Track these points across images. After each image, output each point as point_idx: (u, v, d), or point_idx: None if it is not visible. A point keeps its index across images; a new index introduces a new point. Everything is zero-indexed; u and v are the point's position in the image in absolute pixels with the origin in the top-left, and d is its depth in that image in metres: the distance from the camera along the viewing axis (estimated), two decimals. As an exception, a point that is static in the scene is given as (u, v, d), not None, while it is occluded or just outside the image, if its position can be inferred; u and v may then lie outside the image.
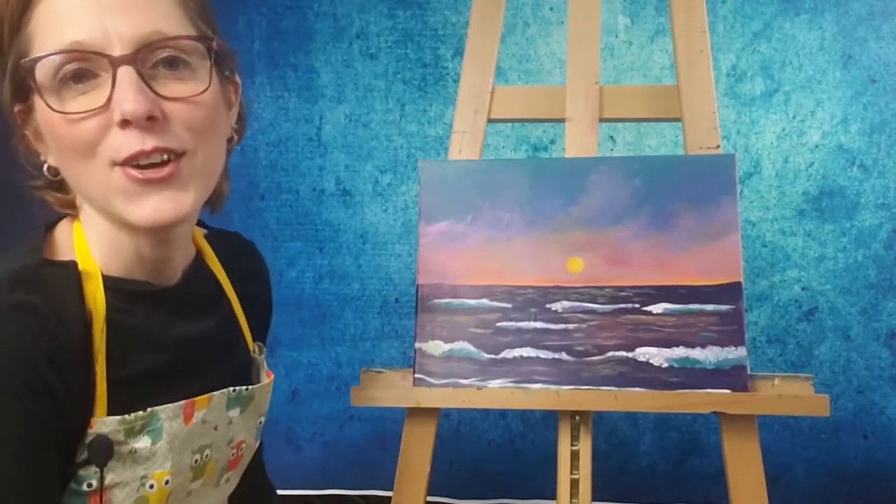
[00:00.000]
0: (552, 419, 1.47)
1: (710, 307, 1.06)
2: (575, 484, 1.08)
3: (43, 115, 0.69)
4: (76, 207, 0.77)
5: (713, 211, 1.09)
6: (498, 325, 1.10)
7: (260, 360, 0.91)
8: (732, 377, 1.04)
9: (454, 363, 1.10)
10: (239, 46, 1.80)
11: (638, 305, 1.08)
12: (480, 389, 1.09)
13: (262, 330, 0.97)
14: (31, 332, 0.66)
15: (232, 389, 0.82)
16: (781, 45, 1.74)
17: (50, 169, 0.74)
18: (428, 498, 1.13)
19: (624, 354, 1.07)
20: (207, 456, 0.80)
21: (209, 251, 0.87)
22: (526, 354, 1.09)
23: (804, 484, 1.75)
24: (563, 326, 1.09)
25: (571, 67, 1.19)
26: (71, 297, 0.70)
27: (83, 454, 0.71)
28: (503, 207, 1.13)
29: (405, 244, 1.85)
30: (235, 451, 0.86)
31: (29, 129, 0.73)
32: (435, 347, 1.11)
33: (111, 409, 0.72)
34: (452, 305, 1.12)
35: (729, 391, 1.04)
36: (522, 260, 1.11)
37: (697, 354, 1.06)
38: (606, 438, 1.79)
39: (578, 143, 1.16)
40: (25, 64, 0.68)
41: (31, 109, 0.71)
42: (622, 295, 1.09)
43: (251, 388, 0.85)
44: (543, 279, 1.11)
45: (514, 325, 1.10)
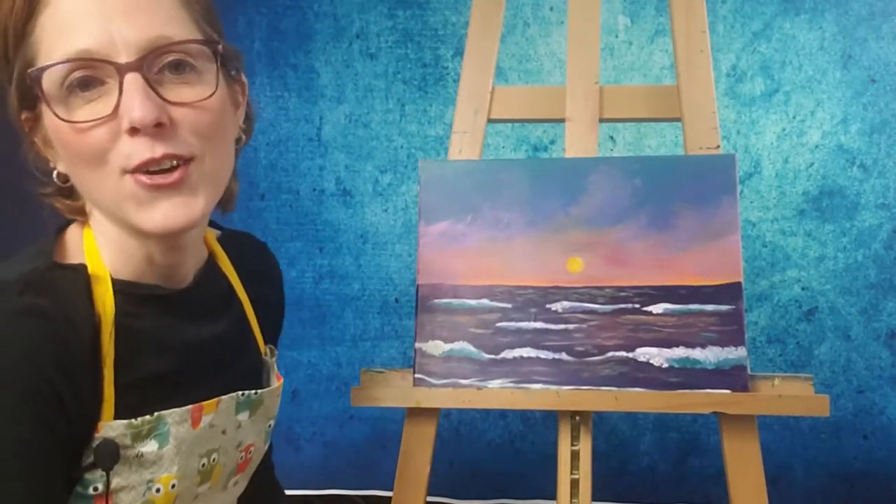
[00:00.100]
0: (552, 419, 1.47)
1: (710, 307, 1.06)
2: (575, 484, 1.08)
3: (51, 123, 0.69)
4: (86, 214, 0.77)
5: (713, 211, 1.09)
6: (498, 325, 1.10)
7: (271, 362, 0.91)
8: (732, 377, 1.04)
9: (454, 363, 1.10)
10: (239, 46, 1.79)
11: (638, 305, 1.08)
12: (480, 389, 1.09)
13: (273, 332, 0.96)
14: (39, 335, 0.66)
15: (241, 393, 0.82)
16: (781, 45, 1.74)
17: (59, 176, 0.74)
18: (428, 498, 1.13)
19: (624, 354, 1.07)
20: (215, 460, 0.80)
21: (221, 253, 0.87)
22: (526, 354, 1.09)
23: (804, 484, 1.75)
24: (563, 326, 1.09)
25: (571, 67, 1.19)
26: (80, 300, 0.70)
27: (89, 458, 0.71)
28: (503, 207, 1.13)
29: (405, 244, 1.85)
30: (244, 454, 0.85)
31: (38, 136, 0.73)
32: (435, 347, 1.11)
33: (119, 412, 0.72)
34: (452, 305, 1.12)
35: (729, 391, 1.04)
36: (522, 260, 1.11)
37: (697, 354, 1.06)
38: (606, 438, 1.79)
39: (578, 143, 1.16)
40: (32, 73, 0.68)
41: (38, 117, 0.71)
42: (622, 295, 1.09)
43: (260, 392, 0.85)
44: (543, 279, 1.11)
45: (514, 325, 1.10)
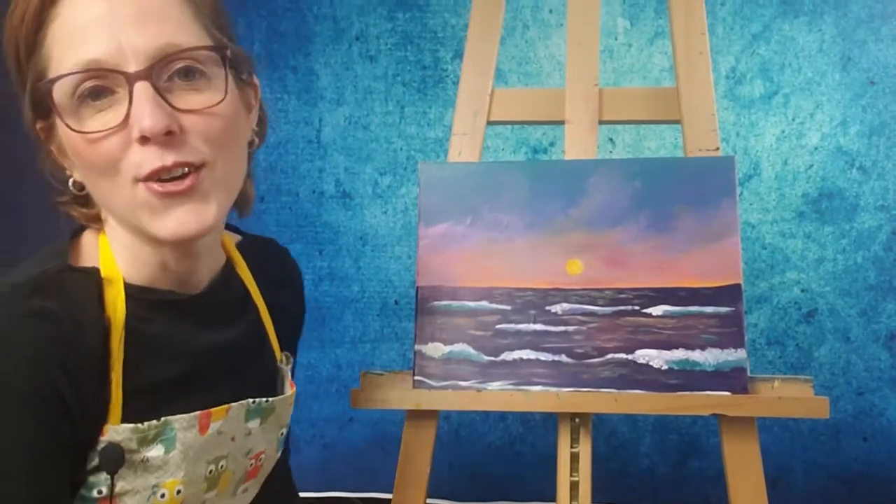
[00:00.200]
0: (552, 421, 1.47)
1: (709, 309, 1.06)
2: (575, 486, 1.07)
3: (64, 133, 0.70)
4: (101, 221, 0.77)
5: (713, 213, 1.09)
6: (497, 327, 1.10)
7: (286, 370, 0.90)
8: (732, 379, 1.04)
9: (454, 365, 1.10)
10: (238, 49, 1.80)
11: (637, 307, 1.08)
12: (480, 391, 1.08)
13: (291, 339, 0.96)
14: (45, 337, 0.67)
15: (252, 401, 0.82)
16: (781, 47, 1.74)
17: (75, 184, 0.74)
18: (428, 500, 1.13)
19: (623, 356, 1.07)
20: (223, 467, 0.80)
21: (239, 259, 0.87)
22: (525, 356, 1.09)
23: (804, 486, 1.75)
24: (562, 328, 1.09)
25: (571, 70, 1.19)
26: (90, 303, 0.71)
27: (94, 461, 0.71)
28: (503, 209, 1.13)
29: (405, 246, 1.85)
30: (254, 461, 0.85)
31: (53, 145, 0.74)
32: (435, 349, 1.11)
33: (126, 416, 0.72)
34: (452, 307, 1.12)
35: (729, 393, 1.04)
36: (522, 262, 1.11)
37: (697, 356, 1.06)
38: (606, 441, 1.79)
39: (578, 145, 1.16)
40: (43, 85, 0.68)
41: (53, 126, 0.72)
42: (622, 297, 1.09)
43: (272, 399, 0.84)
44: (543, 281, 1.11)
45: (513, 327, 1.10)
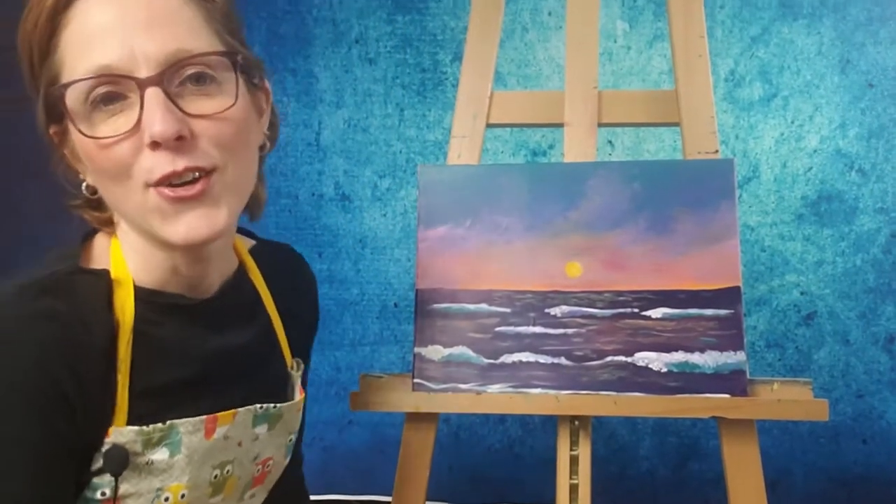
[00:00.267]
0: (551, 424, 1.47)
1: (709, 312, 1.06)
2: (574, 489, 1.07)
3: (77, 138, 0.70)
4: (113, 225, 0.77)
5: (712, 215, 1.09)
6: (497, 329, 1.10)
7: (296, 376, 0.90)
8: (731, 382, 1.04)
9: (453, 368, 1.10)
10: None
11: (637, 310, 1.08)
12: (479, 394, 1.08)
13: (303, 346, 0.96)
14: (52, 338, 0.67)
15: (259, 406, 0.81)
16: (780, 49, 1.74)
17: (88, 188, 0.75)
18: (427, 503, 1.13)
19: (623, 359, 1.07)
20: (229, 472, 0.79)
21: (252, 264, 0.87)
22: (525, 359, 1.09)
23: (803, 489, 1.75)
24: (562, 331, 1.09)
25: (570, 72, 1.19)
26: (99, 304, 0.71)
27: (99, 462, 0.71)
28: (502, 212, 1.13)
29: (404, 249, 1.85)
30: (261, 467, 0.85)
31: (66, 149, 0.74)
32: (434, 352, 1.11)
33: (132, 419, 0.72)
34: (451, 310, 1.12)
35: (728, 396, 1.04)
36: (521, 264, 1.11)
37: (696, 359, 1.06)
38: (606, 443, 1.79)
39: (577, 147, 1.16)
40: (55, 90, 0.69)
41: (66, 130, 0.72)
42: (621, 300, 1.09)
43: (279, 405, 0.84)
44: (542, 284, 1.11)
45: (513, 329, 1.10)
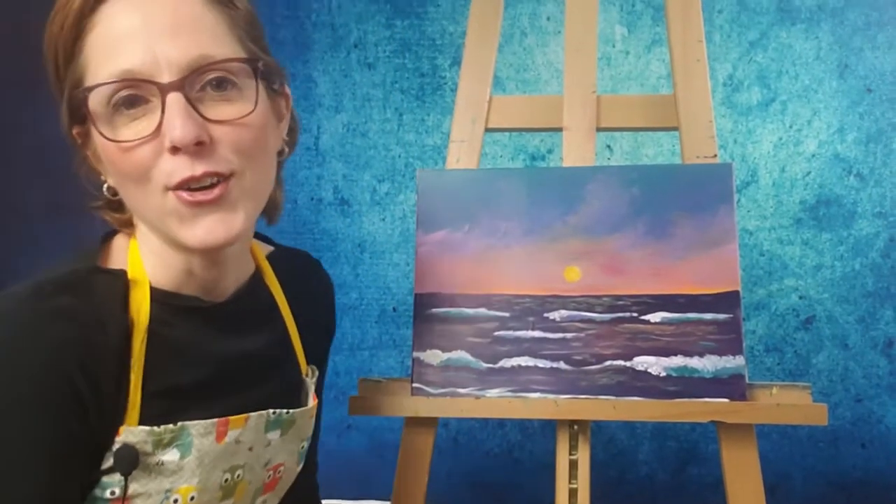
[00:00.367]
0: (550, 428, 1.47)
1: (708, 316, 1.06)
2: (573, 493, 1.07)
3: (98, 141, 0.71)
4: (132, 226, 0.78)
5: (710, 220, 1.09)
6: (496, 334, 1.10)
7: (310, 383, 0.91)
8: (730, 386, 1.04)
9: (452, 372, 1.10)
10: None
11: (636, 314, 1.08)
12: (479, 398, 1.08)
13: (318, 353, 0.96)
14: (66, 336, 0.68)
15: (272, 412, 0.82)
16: (778, 54, 1.75)
17: (109, 189, 0.76)
18: (426, 508, 1.13)
19: (622, 363, 1.07)
20: (240, 476, 0.79)
21: (268, 270, 0.88)
22: (524, 363, 1.09)
23: (802, 493, 1.75)
24: (560, 335, 1.09)
25: (568, 77, 1.20)
26: (115, 304, 0.72)
27: (109, 461, 0.71)
28: (501, 216, 1.13)
29: (403, 253, 1.85)
30: (272, 473, 0.85)
31: (88, 150, 0.75)
32: (433, 356, 1.11)
33: (143, 419, 0.72)
34: (450, 314, 1.12)
35: (727, 400, 1.04)
36: (520, 269, 1.11)
37: (695, 363, 1.06)
38: (605, 448, 1.79)
39: (576, 152, 1.16)
40: (79, 93, 0.70)
41: (88, 132, 0.73)
42: (620, 304, 1.09)
43: (292, 411, 0.84)
44: (541, 288, 1.11)
45: (512, 334, 1.10)
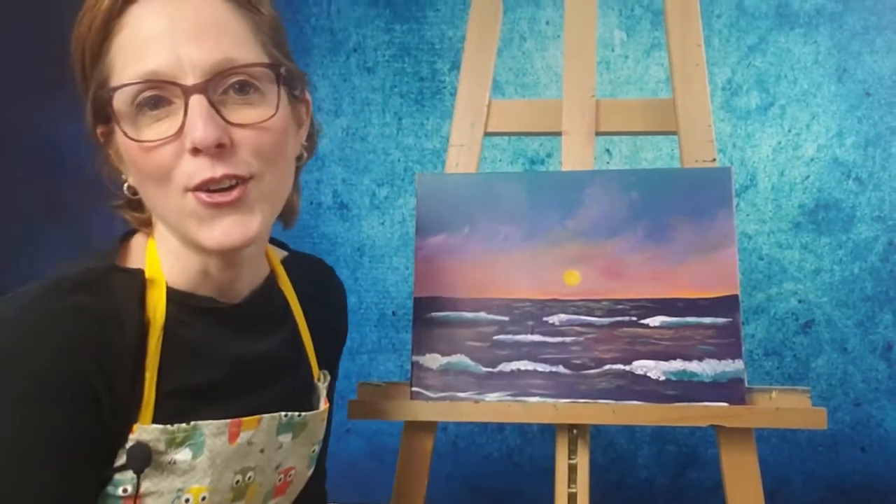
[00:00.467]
0: (550, 433, 1.47)
1: (707, 320, 1.06)
2: (573, 498, 1.07)
3: (121, 140, 0.72)
4: (151, 226, 0.79)
5: (710, 224, 1.09)
6: (495, 338, 1.10)
7: (321, 387, 0.91)
8: (730, 390, 1.04)
9: (451, 376, 1.10)
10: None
11: (635, 318, 1.08)
12: (478, 403, 1.08)
13: (330, 358, 0.97)
14: (83, 333, 0.69)
15: (284, 414, 0.82)
16: (776, 59, 1.75)
17: (130, 188, 0.77)
18: (425, 512, 1.12)
19: (621, 367, 1.07)
20: (251, 478, 0.80)
21: (283, 274, 0.89)
22: (523, 367, 1.09)
23: (802, 497, 1.75)
24: (560, 339, 1.09)
25: (568, 81, 1.20)
26: (132, 302, 0.73)
27: (122, 459, 0.72)
28: (500, 220, 1.13)
29: (402, 257, 1.85)
30: (283, 476, 0.85)
31: (111, 149, 0.76)
32: (432, 360, 1.11)
33: (157, 417, 0.73)
34: (449, 318, 1.12)
35: (726, 404, 1.04)
36: (519, 273, 1.11)
37: (695, 367, 1.06)
38: (604, 452, 1.79)
39: (575, 156, 1.16)
40: (104, 93, 0.71)
41: (112, 132, 0.74)
42: (619, 308, 1.09)
43: (304, 414, 0.85)
44: (540, 292, 1.11)
45: (511, 338, 1.10)
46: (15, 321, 0.68)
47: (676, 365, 1.06)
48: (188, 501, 0.74)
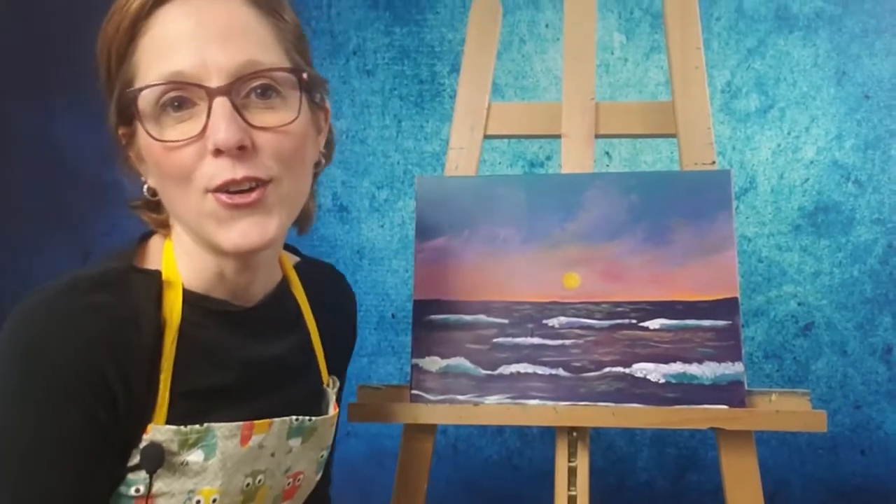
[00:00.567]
0: (549, 435, 1.46)
1: (706, 323, 1.06)
2: (573, 500, 1.07)
3: (144, 140, 0.73)
4: (169, 227, 0.80)
5: (709, 226, 1.09)
6: (495, 340, 1.10)
7: (331, 393, 0.92)
8: (730, 393, 1.04)
9: (451, 379, 1.10)
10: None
11: (635, 321, 1.08)
12: (477, 405, 1.08)
13: (340, 364, 0.98)
14: (100, 332, 0.69)
15: (294, 418, 0.82)
16: (776, 61, 1.75)
17: (149, 189, 0.78)
18: (425, 515, 1.12)
19: (621, 370, 1.07)
20: (261, 481, 0.80)
21: (295, 279, 0.90)
22: (523, 370, 1.09)
23: (802, 500, 1.75)
24: (560, 342, 1.09)
25: (567, 84, 1.20)
26: (148, 303, 0.73)
27: (135, 458, 0.72)
28: (499, 223, 1.13)
29: (402, 260, 1.85)
30: (292, 480, 0.86)
31: (132, 151, 0.77)
32: (432, 363, 1.11)
33: (171, 418, 0.73)
34: (449, 321, 1.11)
35: (726, 407, 1.04)
36: (519, 276, 1.11)
37: (694, 370, 1.06)
38: (604, 454, 1.79)
39: (574, 158, 1.16)
40: (129, 93, 0.72)
41: (134, 133, 0.75)
42: (619, 310, 1.09)
43: (314, 419, 0.85)
44: (540, 295, 1.11)
45: (510, 340, 1.10)
46: (33, 320, 0.69)
47: (676, 367, 1.06)
48: (199, 503, 0.75)
